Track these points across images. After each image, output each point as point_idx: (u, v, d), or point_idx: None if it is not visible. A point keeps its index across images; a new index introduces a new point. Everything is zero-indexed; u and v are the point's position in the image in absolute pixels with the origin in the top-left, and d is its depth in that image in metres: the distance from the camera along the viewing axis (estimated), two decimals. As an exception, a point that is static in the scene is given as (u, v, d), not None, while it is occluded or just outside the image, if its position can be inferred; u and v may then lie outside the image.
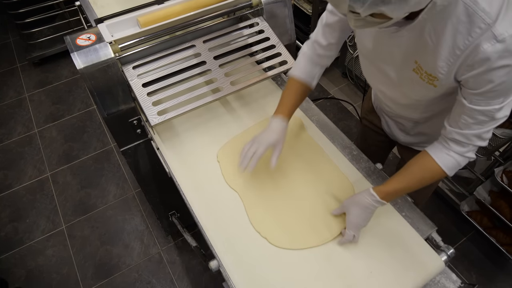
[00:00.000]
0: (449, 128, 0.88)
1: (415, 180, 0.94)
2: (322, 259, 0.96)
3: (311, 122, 1.27)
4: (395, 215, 1.03)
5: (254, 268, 0.95)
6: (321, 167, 1.15)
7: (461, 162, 0.90)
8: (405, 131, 1.20)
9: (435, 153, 0.91)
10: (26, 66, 3.14)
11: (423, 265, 0.94)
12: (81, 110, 2.79)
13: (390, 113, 1.19)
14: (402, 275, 0.93)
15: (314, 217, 1.04)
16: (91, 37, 1.14)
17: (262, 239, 1.00)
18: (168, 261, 1.99)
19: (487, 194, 1.81)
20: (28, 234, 2.13)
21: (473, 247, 1.97)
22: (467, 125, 0.84)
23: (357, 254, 0.97)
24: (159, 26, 1.21)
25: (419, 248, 0.97)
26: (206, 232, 1.01)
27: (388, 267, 0.94)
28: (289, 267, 0.96)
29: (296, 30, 1.49)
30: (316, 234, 1.00)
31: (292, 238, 1.00)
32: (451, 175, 0.92)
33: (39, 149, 2.55)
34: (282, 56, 1.31)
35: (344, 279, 0.93)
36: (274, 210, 1.06)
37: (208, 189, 1.11)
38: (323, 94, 2.79)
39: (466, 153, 0.88)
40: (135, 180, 2.08)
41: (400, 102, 1.05)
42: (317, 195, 1.08)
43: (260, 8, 1.34)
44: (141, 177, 1.54)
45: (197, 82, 1.23)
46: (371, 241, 0.99)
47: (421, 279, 0.92)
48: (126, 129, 1.30)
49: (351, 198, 0.98)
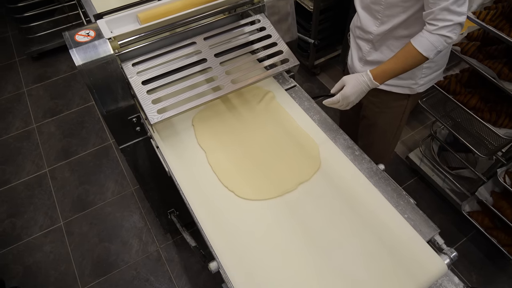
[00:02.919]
0: (424, 13, 1.06)
1: (399, 62, 1.13)
2: (284, 208, 1.05)
3: (313, 122, 1.26)
4: (397, 217, 1.02)
5: (254, 269, 0.94)
6: (286, 127, 1.23)
7: (435, 42, 1.05)
8: (363, 60, 1.36)
9: (414, 39, 1.10)
10: (24, 61, 3.11)
11: (426, 268, 0.92)
12: (80, 105, 2.77)
13: (356, 33, 1.35)
14: (404, 278, 0.91)
15: (275, 171, 1.13)
16: (90, 33, 1.12)
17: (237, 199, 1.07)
18: (167, 259, 1.98)
19: (489, 195, 1.80)
20: (26, 230, 2.12)
21: (473, 248, 1.96)
22: (434, 3, 1.01)
23: (358, 255, 0.96)
24: (160, 22, 1.18)
25: (421, 250, 0.96)
26: (205, 231, 1.00)
27: (390, 269, 0.93)
28: (253, 216, 1.04)
29: (298, 27, 1.47)
30: (278, 186, 1.09)
31: (256, 190, 1.08)
32: (428, 56, 1.08)
33: (38, 144, 2.53)
34: (284, 54, 1.29)
35: (345, 279, 0.92)
36: (240, 166, 1.14)
37: (208, 188, 1.10)
38: (324, 92, 2.77)
39: (437, 31, 1.04)
40: (133, 177, 2.07)
41: (366, 1, 1.22)
42: (281, 151, 1.17)
43: (262, 5, 1.32)
44: (140, 175, 1.53)
45: (198, 80, 1.21)
46: (372, 243, 0.97)
47: (423, 282, 0.91)
48: (125, 127, 1.28)
49: (352, 74, 1.18)
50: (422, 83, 1.34)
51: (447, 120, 1.87)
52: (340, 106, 1.21)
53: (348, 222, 1.02)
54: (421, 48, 1.08)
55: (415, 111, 2.51)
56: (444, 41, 1.06)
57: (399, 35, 1.21)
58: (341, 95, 1.18)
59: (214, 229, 1.01)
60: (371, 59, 1.33)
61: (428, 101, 1.91)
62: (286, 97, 1.33)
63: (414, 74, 1.29)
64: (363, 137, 1.64)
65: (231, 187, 1.10)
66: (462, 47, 1.62)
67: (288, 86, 1.38)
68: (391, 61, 1.15)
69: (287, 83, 1.39)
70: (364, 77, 1.16)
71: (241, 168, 1.14)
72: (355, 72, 1.42)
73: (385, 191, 1.08)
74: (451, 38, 1.06)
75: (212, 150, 1.18)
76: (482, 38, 1.67)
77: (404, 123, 1.51)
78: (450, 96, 1.72)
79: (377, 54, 1.31)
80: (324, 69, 2.93)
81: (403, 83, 1.33)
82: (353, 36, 1.40)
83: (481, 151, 1.72)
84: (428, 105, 1.90)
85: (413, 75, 1.30)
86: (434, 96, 1.91)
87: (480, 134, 1.73)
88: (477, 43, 1.63)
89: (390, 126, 1.50)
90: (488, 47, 1.62)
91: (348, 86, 1.17)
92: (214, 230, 1.00)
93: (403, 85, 1.34)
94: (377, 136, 1.56)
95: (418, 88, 1.35)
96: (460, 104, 1.68)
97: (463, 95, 1.70)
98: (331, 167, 1.13)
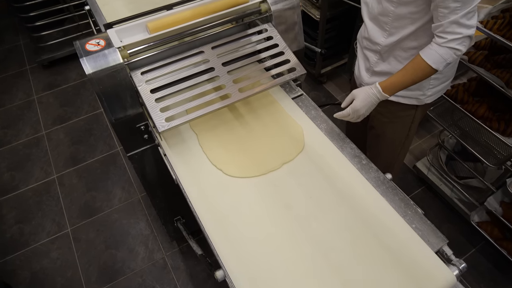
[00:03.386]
0: (433, 26, 1.06)
1: (408, 74, 1.13)
2: (269, 185, 1.11)
3: (320, 130, 1.26)
4: (405, 227, 1.01)
5: (261, 277, 0.93)
6: (274, 115, 1.31)
7: (444, 55, 1.05)
8: (370, 70, 1.36)
9: (422, 51, 1.10)
10: (35, 69, 3.16)
11: (434, 279, 0.91)
12: (89, 112, 2.80)
13: (363, 44, 1.35)
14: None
15: (261, 152, 1.20)
16: (100, 42, 1.13)
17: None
18: (173, 266, 1.98)
19: (498, 205, 1.78)
20: (33, 236, 2.13)
21: (482, 258, 1.94)
22: (444, 16, 1.01)
23: (366, 265, 0.95)
24: (168, 32, 1.20)
25: (429, 261, 0.95)
26: (211, 239, 1.00)
27: (397, 280, 0.92)
28: (240, 192, 1.11)
29: (304, 35, 1.48)
30: (263, 165, 1.16)
31: (243, 168, 1.16)
32: (437, 68, 1.08)
33: (46, 151, 2.56)
34: (290, 63, 1.29)
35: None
36: (229, 146, 1.22)
37: (214, 196, 1.10)
38: (331, 100, 2.77)
39: (446, 43, 1.03)
40: (140, 184, 2.08)
41: (374, 13, 1.21)
42: (267, 134, 1.25)
43: (269, 15, 1.33)
44: (147, 182, 1.54)
45: (206, 88, 1.22)
46: (380, 253, 0.97)
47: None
48: (133, 134, 1.30)
49: (361, 88, 1.20)
50: (430, 94, 1.34)
51: (454, 129, 1.86)
52: (351, 119, 1.22)
53: (355, 230, 1.01)
54: (430, 61, 1.08)
55: (422, 120, 2.49)
56: (454, 54, 1.06)
57: (407, 47, 1.21)
58: (351, 108, 1.19)
59: (220, 237, 1.01)
60: (378, 70, 1.33)
61: (435, 110, 1.91)
62: (293, 106, 1.34)
63: (421, 85, 1.28)
64: (371, 148, 1.64)
65: (229, 169, 1.16)
66: (470, 56, 1.62)
67: (295, 94, 1.39)
68: (400, 73, 1.15)
69: (294, 92, 1.40)
70: (373, 89, 1.17)
71: (243, 163, 1.19)
72: (362, 82, 1.43)
73: (393, 200, 1.07)
74: (460, 51, 1.06)
75: (213, 150, 1.22)
76: (490, 47, 1.67)
77: (413, 133, 1.50)
78: (458, 105, 1.71)
79: (384, 65, 1.30)
80: (331, 77, 2.93)
81: (411, 94, 1.33)
82: (360, 46, 1.40)
83: (490, 161, 1.70)
84: (436, 114, 1.90)
85: (421, 86, 1.29)
86: (442, 105, 1.91)
87: (489, 143, 1.72)
88: (485, 52, 1.62)
89: (399, 136, 1.50)
90: (496, 56, 1.62)
91: (358, 100, 1.18)
92: (221, 238, 1.00)
93: (411, 96, 1.34)
94: (385, 147, 1.55)
95: (426, 99, 1.35)
96: (468, 113, 1.67)
97: (471, 104, 1.70)
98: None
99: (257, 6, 1.32)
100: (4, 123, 2.75)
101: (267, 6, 1.31)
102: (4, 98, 2.93)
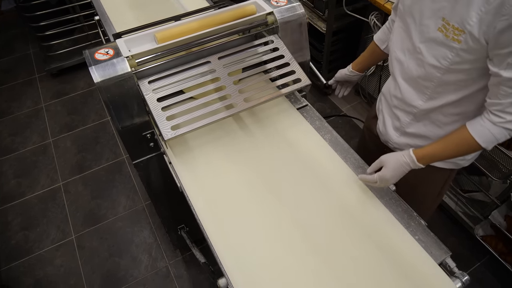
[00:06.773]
0: (488, 101, 0.93)
1: (450, 148, 1.00)
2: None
3: (324, 140, 1.27)
4: (408, 238, 1.01)
5: (261, 281, 0.94)
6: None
7: (497, 134, 0.93)
8: (400, 130, 1.22)
9: (470, 124, 0.97)
10: (44, 77, 3.21)
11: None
12: (95, 121, 2.83)
13: (393, 103, 1.21)
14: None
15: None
16: (109, 51, 1.16)
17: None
18: (176, 275, 1.97)
19: (502, 219, 1.77)
20: (38, 243, 2.14)
21: (487, 273, 1.92)
22: (505, 95, 0.88)
23: (368, 276, 0.95)
24: (176, 42, 1.22)
25: (432, 273, 0.94)
26: (215, 247, 1.00)
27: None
28: (245, 202, 1.12)
29: (310, 47, 1.50)
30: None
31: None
32: (486, 147, 0.96)
33: (53, 159, 2.59)
34: (296, 74, 1.31)
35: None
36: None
37: (219, 205, 1.11)
38: (336, 112, 2.79)
39: (502, 124, 0.91)
40: (145, 192, 2.09)
41: (412, 74, 1.07)
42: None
43: (276, 26, 1.35)
44: (152, 190, 1.55)
45: (211, 98, 1.24)
46: (382, 264, 0.97)
47: (434, 306, 0.90)
48: (139, 142, 1.31)
49: (391, 154, 1.06)
50: (470, 158, 1.22)
51: (459, 142, 1.86)
52: (377, 186, 1.09)
53: (358, 241, 1.01)
54: (480, 139, 0.95)
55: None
56: (508, 134, 0.94)
57: (449, 112, 1.07)
58: (380, 177, 1.05)
59: (224, 245, 1.01)
60: (411, 132, 1.19)
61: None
62: (298, 116, 1.35)
63: None
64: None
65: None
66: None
67: (299, 105, 1.40)
68: (441, 145, 1.02)
69: (299, 103, 1.41)
70: (406, 158, 1.03)
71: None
72: (388, 140, 1.29)
73: (396, 211, 1.07)
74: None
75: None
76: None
77: (445, 190, 1.37)
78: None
79: (418, 127, 1.16)
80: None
81: (449, 159, 1.20)
82: (387, 103, 1.25)
83: (495, 175, 1.70)
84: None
85: None
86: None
87: (494, 157, 1.72)
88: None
89: (431, 198, 1.39)
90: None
91: (388, 168, 1.04)
92: (224, 247, 1.01)
93: (449, 161, 1.21)
94: (414, 206, 1.21)
95: (464, 163, 1.23)
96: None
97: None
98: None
99: (264, 18, 1.34)
100: (12, 131, 2.79)
101: (274, 18, 1.33)
102: (13, 106, 2.98)
